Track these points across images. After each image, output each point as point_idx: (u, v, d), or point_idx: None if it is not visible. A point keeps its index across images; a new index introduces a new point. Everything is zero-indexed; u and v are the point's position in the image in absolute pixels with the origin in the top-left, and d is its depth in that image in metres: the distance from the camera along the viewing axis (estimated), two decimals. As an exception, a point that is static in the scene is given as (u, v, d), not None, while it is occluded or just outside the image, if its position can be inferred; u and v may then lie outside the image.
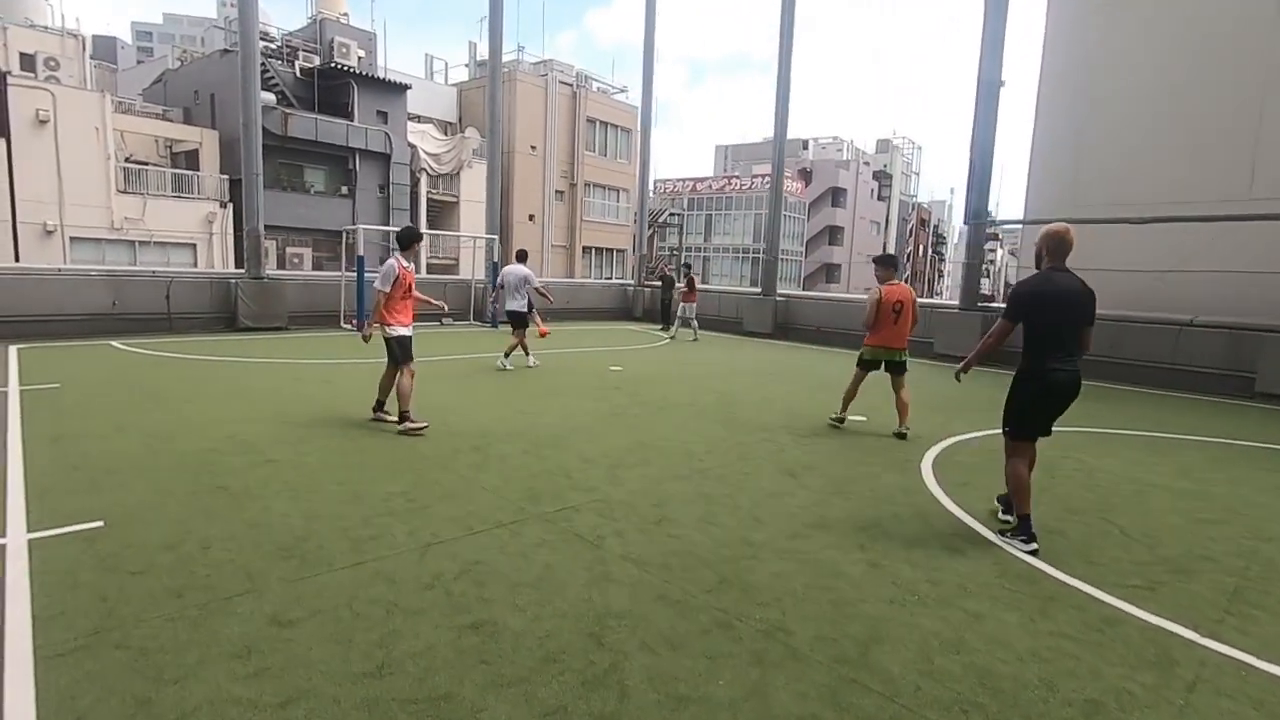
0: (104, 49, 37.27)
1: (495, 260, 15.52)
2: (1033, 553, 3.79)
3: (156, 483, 4.39)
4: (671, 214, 41.94)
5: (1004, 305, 4.52)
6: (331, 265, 25.57)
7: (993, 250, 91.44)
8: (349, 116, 25.97)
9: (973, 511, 4.48)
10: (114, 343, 10.66)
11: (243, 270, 13.19)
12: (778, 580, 3.39)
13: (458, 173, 30.40)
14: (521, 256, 10.45)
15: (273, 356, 9.92)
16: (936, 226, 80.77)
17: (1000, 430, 4.09)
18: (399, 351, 5.96)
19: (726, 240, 53.87)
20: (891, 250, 65.92)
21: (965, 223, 13.02)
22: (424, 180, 29.08)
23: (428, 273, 27.57)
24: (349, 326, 13.75)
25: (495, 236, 15.95)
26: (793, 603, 3.17)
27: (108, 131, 21.01)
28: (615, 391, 8.29)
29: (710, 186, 52.62)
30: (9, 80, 19.29)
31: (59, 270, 11.62)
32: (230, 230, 23.24)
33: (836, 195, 58.84)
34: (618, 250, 37.27)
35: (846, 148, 64.50)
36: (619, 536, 3.84)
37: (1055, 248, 3.84)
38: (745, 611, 3.07)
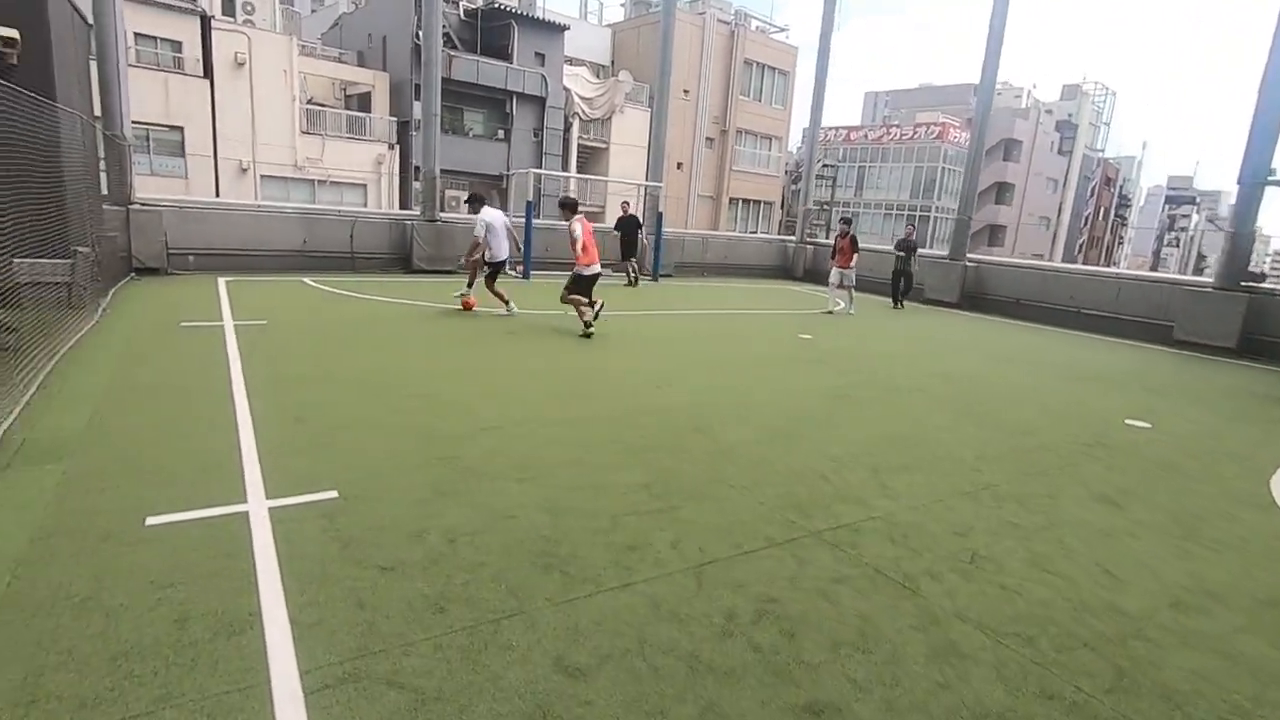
0: (287, -4, 39.58)
1: (660, 210, 14.76)
2: None
3: (380, 446, 4.05)
4: (825, 165, 39.28)
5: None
6: (486, 209, 26.01)
7: (1186, 216, 79.59)
8: (508, 58, 25.86)
9: None
10: (305, 279, 11.02)
11: (417, 212, 13.29)
12: (1207, 685, 2.41)
13: (609, 118, 29.76)
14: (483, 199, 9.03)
15: (451, 302, 9.80)
16: (1121, 186, 71.18)
17: None
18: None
19: (876, 195, 50.10)
20: (1067, 213, 58.76)
21: (1239, 182, 10.61)
22: (575, 125, 28.72)
23: (575, 220, 27.46)
24: (514, 273, 13.59)
25: (660, 184, 15.15)
26: (1256, 732, 2.20)
27: (294, 74, 22.09)
28: (821, 366, 7.35)
29: (866, 136, 48.83)
30: (213, 24, 20.59)
31: (259, 207, 12.18)
32: (397, 171, 24.06)
33: (1009, 148, 52.91)
34: (766, 203, 35.50)
35: (1025, 95, 57.55)
36: (934, 579, 3.00)
37: None
38: (1193, 740, 2.14)
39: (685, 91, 30.88)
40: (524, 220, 13.34)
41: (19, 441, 3.69)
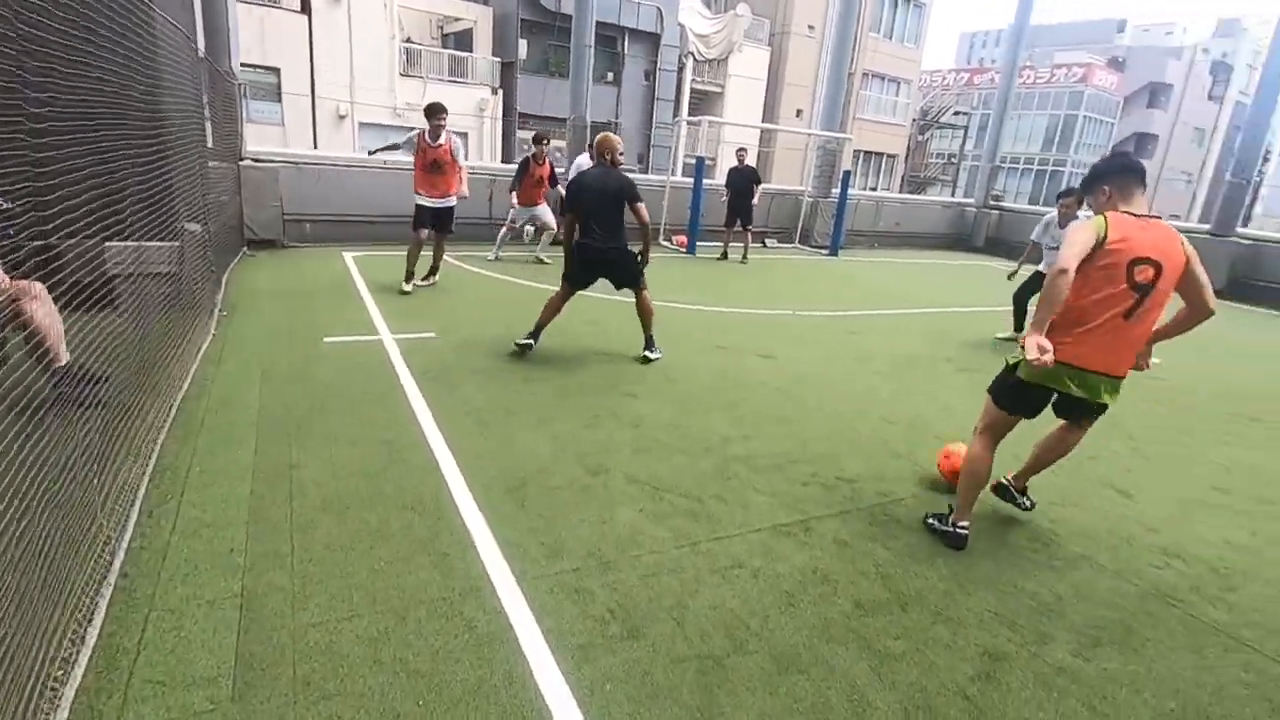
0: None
1: (846, 170, 12.04)
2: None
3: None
4: (957, 112, 35.01)
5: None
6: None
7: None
8: (620, -11, 22.98)
9: None
10: (446, 257, 8.98)
11: (561, 170, 11.04)
12: None
13: (725, 57, 26.58)
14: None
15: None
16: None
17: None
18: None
19: (1002, 147, 44.95)
20: (1210, 168, 51.77)
21: None
22: (689, 66, 25.71)
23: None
24: (674, 244, 11.27)
25: (848, 136, 12.41)
26: None
27: (394, 10, 19.93)
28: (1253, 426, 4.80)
29: (993, 80, 43.50)
30: (309, -50, 18.51)
31: (384, 163, 10.07)
32: (500, 117, 21.85)
33: (1156, 94, 46.83)
34: (888, 155, 31.77)
35: (1179, 32, 50.43)
36: None
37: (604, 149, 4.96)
38: None
39: (810, 27, 27.37)
40: (694, 179, 10.90)
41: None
